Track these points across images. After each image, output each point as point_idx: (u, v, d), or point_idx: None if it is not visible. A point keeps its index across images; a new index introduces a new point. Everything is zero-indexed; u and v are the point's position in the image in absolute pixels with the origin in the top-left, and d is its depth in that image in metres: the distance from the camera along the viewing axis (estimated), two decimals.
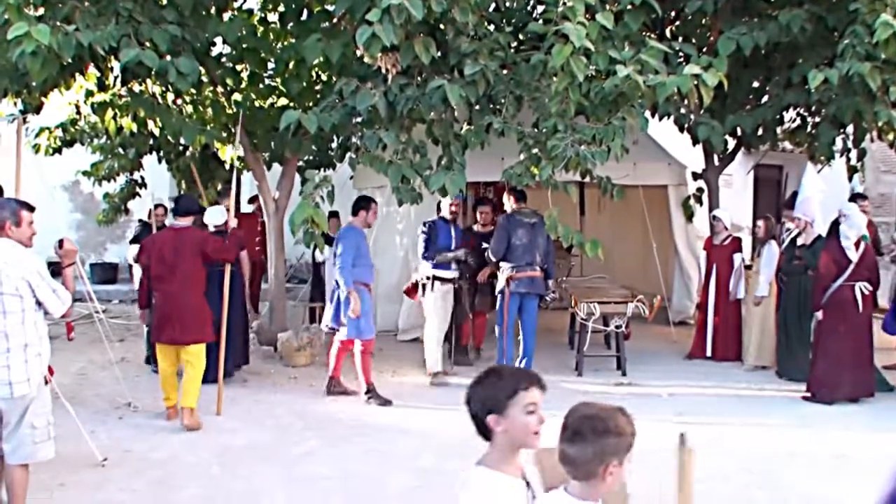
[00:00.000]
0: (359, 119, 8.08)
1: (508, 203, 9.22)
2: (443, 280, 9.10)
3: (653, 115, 9.20)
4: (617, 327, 9.30)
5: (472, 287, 9.66)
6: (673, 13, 9.78)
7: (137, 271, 9.50)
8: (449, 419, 7.74)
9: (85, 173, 12.40)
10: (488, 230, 9.67)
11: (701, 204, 12.23)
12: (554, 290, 9.50)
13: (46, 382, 5.28)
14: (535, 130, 7.73)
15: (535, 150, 7.60)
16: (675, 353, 10.74)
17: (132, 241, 9.83)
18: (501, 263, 8.94)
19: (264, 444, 7.20)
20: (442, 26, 7.41)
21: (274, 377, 9.47)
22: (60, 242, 5.52)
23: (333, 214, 10.83)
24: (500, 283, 8.97)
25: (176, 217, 7.78)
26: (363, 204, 8.41)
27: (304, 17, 8.90)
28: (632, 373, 9.55)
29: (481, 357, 10.13)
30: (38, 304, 5.03)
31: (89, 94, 10.60)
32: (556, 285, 9.76)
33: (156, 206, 10.03)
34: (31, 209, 5.23)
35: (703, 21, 9.88)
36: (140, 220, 10.26)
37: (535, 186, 7.87)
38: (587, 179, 8.22)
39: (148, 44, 7.54)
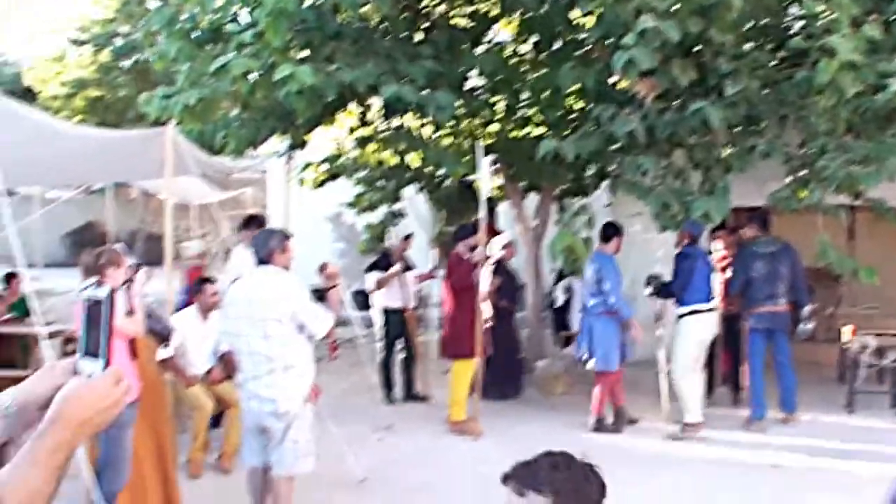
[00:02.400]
0: (616, 146, 7.97)
1: (744, 232, 8.81)
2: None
3: None
4: (893, 361, 8.65)
5: None
6: None
7: (378, 299, 9.80)
8: (706, 452, 7.52)
9: (348, 205, 12.89)
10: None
11: None
12: (810, 320, 8.98)
13: (312, 402, 5.55)
14: (802, 151, 7.37)
15: (802, 172, 7.24)
16: None
17: (369, 269, 10.04)
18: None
19: None
20: (699, 47, 7.19)
21: (534, 405, 9.45)
22: (322, 266, 5.77)
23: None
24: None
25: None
26: (615, 231, 8.31)
27: (556, 46, 8.89)
28: None
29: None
30: (300, 327, 5.28)
31: (351, 129, 11.03)
32: (814, 315, 9.22)
33: (406, 237, 10.27)
34: (290, 237, 5.55)
35: None
36: (382, 250, 10.46)
37: (803, 211, 7.49)
38: (859, 202, 7.77)
39: (406, 79, 7.74)
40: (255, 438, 5.51)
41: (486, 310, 9.30)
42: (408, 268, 9.85)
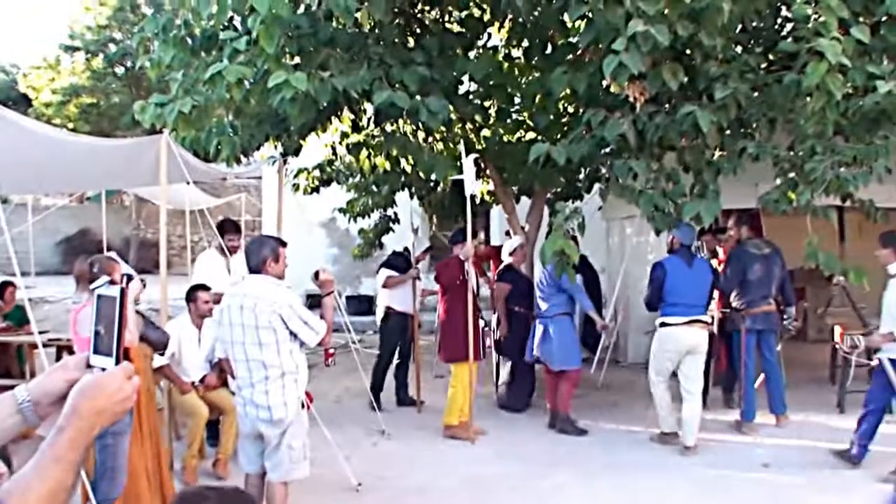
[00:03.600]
0: (607, 149, 8.01)
1: (738, 233, 8.90)
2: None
3: None
4: None
5: None
6: None
7: (383, 300, 9.84)
8: (698, 456, 7.58)
9: (341, 210, 12.94)
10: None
11: None
12: (796, 319, 9.03)
13: (307, 408, 5.59)
14: (792, 153, 7.42)
15: (791, 174, 7.29)
16: None
17: (382, 266, 10.04)
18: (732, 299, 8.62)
19: (514, 475, 7.23)
20: (689, 51, 7.23)
21: (531, 409, 9.50)
22: (316, 274, 5.78)
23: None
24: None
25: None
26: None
27: (548, 50, 8.94)
28: None
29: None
30: (293, 335, 5.32)
31: (344, 135, 11.09)
32: (799, 314, 9.27)
33: (426, 250, 10.33)
34: (285, 245, 5.55)
35: None
36: (394, 251, 10.45)
37: (792, 212, 7.53)
38: (848, 203, 7.82)
39: (398, 85, 7.78)
40: (252, 445, 5.57)
41: (496, 315, 9.42)
42: (418, 278, 9.90)
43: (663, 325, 7.93)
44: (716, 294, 8.72)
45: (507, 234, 13.35)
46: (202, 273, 8.32)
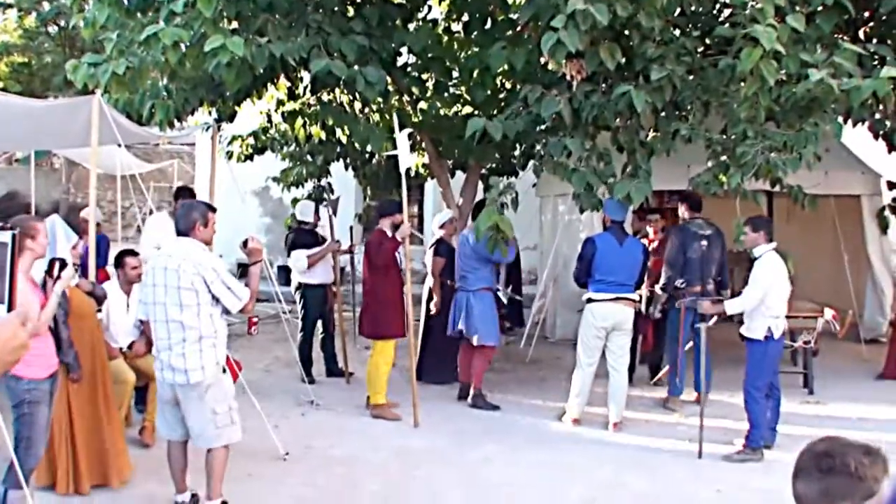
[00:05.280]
0: (543, 126, 8.04)
1: (682, 212, 9.01)
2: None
3: (846, 121, 8.79)
4: (805, 343, 8.83)
5: None
6: (867, 13, 9.29)
7: (297, 276, 9.66)
8: (623, 433, 7.70)
9: (275, 179, 12.84)
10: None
11: None
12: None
13: (234, 377, 5.55)
14: (724, 137, 7.52)
15: (723, 158, 7.39)
16: (866, 373, 10.22)
17: (293, 248, 9.58)
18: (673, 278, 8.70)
19: (443, 447, 7.28)
20: (627, 32, 7.29)
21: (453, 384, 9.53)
22: (245, 242, 5.74)
23: None
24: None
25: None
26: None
27: (488, 25, 8.94)
28: (819, 391, 9.20)
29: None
30: (216, 299, 5.31)
31: (280, 103, 11.00)
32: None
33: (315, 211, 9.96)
34: (214, 210, 5.52)
35: None
36: (299, 226, 9.91)
37: (723, 195, 7.64)
38: (777, 188, 7.96)
39: (336, 54, 7.73)
40: (171, 411, 5.53)
41: (431, 289, 9.40)
42: (323, 240, 9.69)
43: (590, 300, 7.97)
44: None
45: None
46: (151, 234, 8.25)
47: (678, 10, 7.93)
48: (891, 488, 2.34)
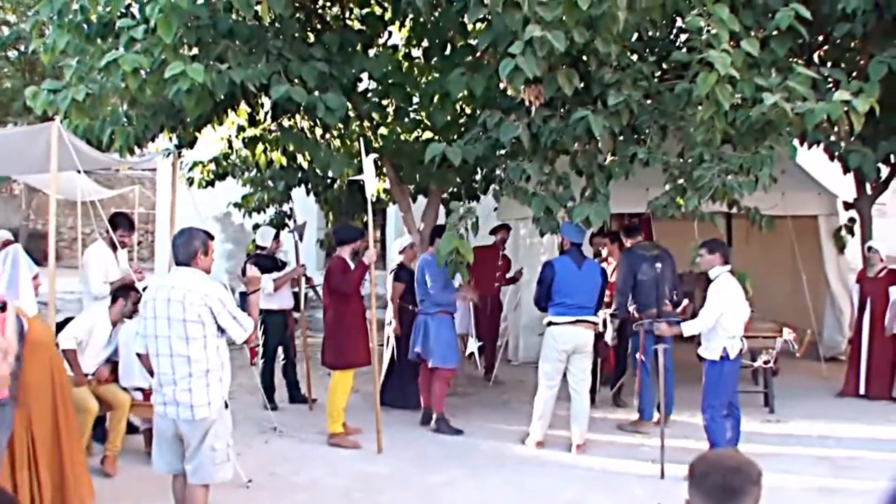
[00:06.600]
0: (502, 151, 8.10)
1: (626, 242, 9.11)
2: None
3: (801, 144, 8.94)
4: (765, 362, 8.86)
5: None
6: (820, 38, 9.46)
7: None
8: (587, 454, 7.73)
9: (236, 205, 12.83)
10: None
11: (853, 235, 11.85)
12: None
13: (252, 357, 5.38)
14: (681, 160, 7.62)
15: (680, 181, 7.49)
16: (826, 391, 10.37)
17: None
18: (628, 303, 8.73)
19: (406, 472, 7.27)
20: (585, 57, 7.37)
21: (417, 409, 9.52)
22: (244, 270, 5.65)
23: None
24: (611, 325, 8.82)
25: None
26: (440, 234, 8.31)
27: (447, 52, 9.00)
28: (780, 410, 9.29)
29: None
30: (221, 330, 5.19)
31: (241, 129, 11.00)
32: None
33: (275, 237, 9.90)
34: (212, 238, 5.47)
35: (852, 45, 9.47)
36: (257, 252, 9.55)
37: (681, 218, 7.73)
38: (734, 210, 8.06)
39: (297, 80, 7.75)
40: (170, 447, 5.31)
41: (391, 314, 9.41)
42: (283, 265, 9.63)
43: (550, 324, 8.00)
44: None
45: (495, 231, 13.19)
46: (92, 265, 8.17)
47: (635, 35, 8.06)
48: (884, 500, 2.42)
